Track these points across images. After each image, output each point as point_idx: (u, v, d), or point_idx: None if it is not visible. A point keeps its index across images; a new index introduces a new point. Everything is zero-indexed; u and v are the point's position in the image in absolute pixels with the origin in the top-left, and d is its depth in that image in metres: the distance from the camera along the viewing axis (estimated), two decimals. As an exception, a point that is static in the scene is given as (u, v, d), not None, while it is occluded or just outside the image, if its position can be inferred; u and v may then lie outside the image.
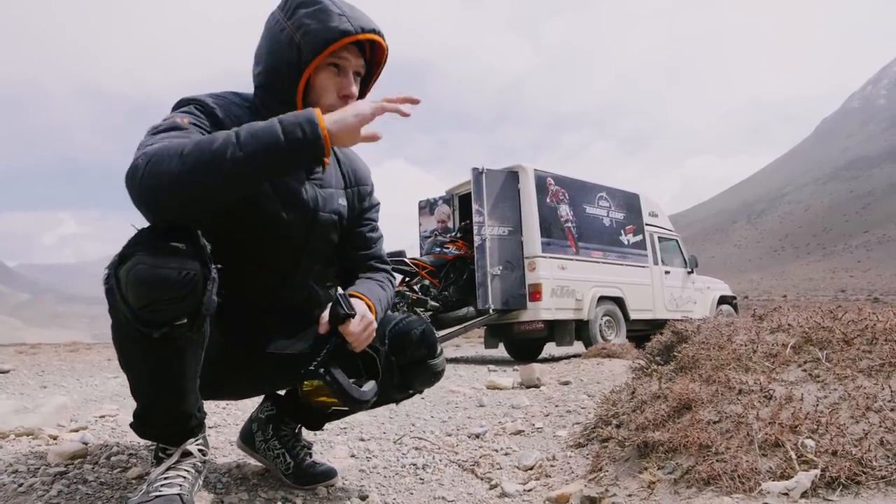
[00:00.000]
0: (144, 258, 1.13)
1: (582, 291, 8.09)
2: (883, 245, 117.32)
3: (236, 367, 1.58)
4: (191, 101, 1.40)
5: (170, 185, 1.13)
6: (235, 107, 1.44)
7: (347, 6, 1.39)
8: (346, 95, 1.42)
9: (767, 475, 1.32)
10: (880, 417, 1.38)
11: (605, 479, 1.68)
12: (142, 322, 1.16)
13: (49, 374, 5.59)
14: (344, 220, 1.64)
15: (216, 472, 1.84)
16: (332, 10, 1.35)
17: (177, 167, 1.13)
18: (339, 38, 1.34)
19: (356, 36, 1.36)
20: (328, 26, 1.34)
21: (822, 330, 1.92)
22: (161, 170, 1.13)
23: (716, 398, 1.71)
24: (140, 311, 1.15)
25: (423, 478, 1.98)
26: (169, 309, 1.15)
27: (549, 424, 2.74)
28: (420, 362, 1.63)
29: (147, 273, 1.12)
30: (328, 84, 1.41)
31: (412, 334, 1.61)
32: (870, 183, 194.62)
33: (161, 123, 1.30)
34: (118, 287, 1.16)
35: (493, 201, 7.82)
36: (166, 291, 1.13)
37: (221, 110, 1.40)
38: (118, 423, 2.54)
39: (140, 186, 1.14)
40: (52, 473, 1.64)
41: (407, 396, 1.73)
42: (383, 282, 1.70)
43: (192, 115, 1.35)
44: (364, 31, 1.36)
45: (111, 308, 1.21)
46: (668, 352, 2.49)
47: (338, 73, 1.42)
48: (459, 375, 5.35)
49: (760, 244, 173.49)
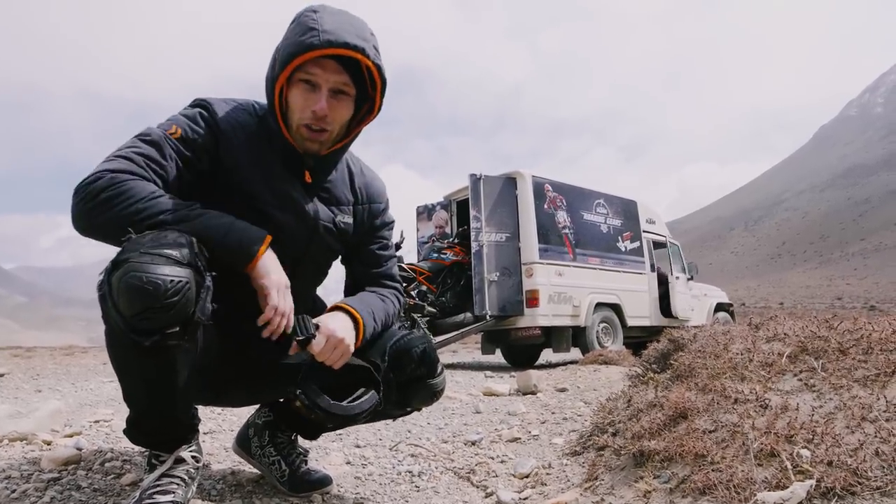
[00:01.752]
0: (136, 265, 1.13)
1: (579, 298, 8.10)
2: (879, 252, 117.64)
3: (236, 374, 1.58)
4: (200, 104, 1.44)
5: (109, 226, 1.23)
6: (246, 114, 1.48)
7: (333, 21, 1.34)
8: (314, 111, 1.39)
9: (763, 485, 1.32)
10: (875, 427, 1.38)
11: (601, 488, 1.67)
12: (133, 330, 1.15)
13: (44, 377, 5.56)
14: (347, 235, 1.63)
15: (210, 478, 1.83)
16: (308, 26, 1.32)
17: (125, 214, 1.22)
18: (301, 53, 1.31)
19: (322, 50, 1.31)
20: (296, 41, 1.32)
21: (817, 339, 1.92)
22: (113, 205, 1.22)
23: (712, 407, 1.71)
24: (132, 319, 1.14)
25: (419, 485, 1.98)
26: (161, 317, 1.15)
27: (545, 432, 2.73)
28: (419, 381, 1.60)
29: (138, 281, 1.12)
30: (298, 99, 1.39)
31: (413, 352, 1.57)
32: (867, 190, 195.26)
33: (152, 130, 1.36)
34: (110, 294, 1.16)
35: (490, 207, 7.83)
36: (158, 299, 1.13)
37: (228, 116, 1.44)
38: (113, 428, 2.53)
39: (84, 210, 1.24)
40: (45, 479, 1.64)
41: (405, 413, 1.71)
42: (386, 296, 1.69)
43: (192, 122, 1.40)
44: (332, 45, 1.31)
45: (104, 314, 1.21)
46: (665, 360, 2.50)
47: (311, 88, 1.39)
48: (456, 382, 5.34)
49: (757, 251, 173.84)
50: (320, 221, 1.55)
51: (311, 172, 1.53)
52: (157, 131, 1.35)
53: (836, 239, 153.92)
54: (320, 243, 1.57)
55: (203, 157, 1.40)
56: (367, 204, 1.68)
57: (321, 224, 1.55)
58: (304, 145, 1.45)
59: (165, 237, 1.20)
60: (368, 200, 1.68)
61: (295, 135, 1.44)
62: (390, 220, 1.76)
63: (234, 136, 1.43)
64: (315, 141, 1.44)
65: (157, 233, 1.21)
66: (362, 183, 1.68)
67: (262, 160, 1.46)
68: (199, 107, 1.43)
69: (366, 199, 1.68)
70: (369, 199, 1.69)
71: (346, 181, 1.64)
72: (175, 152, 1.35)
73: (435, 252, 8.43)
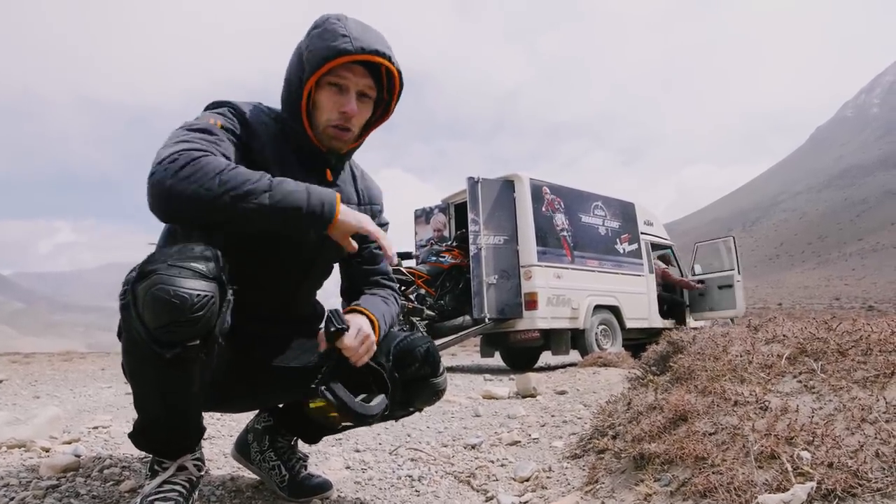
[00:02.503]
0: (164, 278, 1.13)
1: (578, 300, 8.10)
2: (877, 252, 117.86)
3: (242, 380, 1.58)
4: (224, 103, 1.46)
5: (196, 200, 1.19)
6: (263, 114, 1.51)
7: (359, 29, 1.41)
8: (343, 112, 1.45)
9: (763, 487, 1.32)
10: (875, 429, 1.38)
11: (602, 492, 1.67)
12: (156, 341, 1.16)
13: (42, 383, 5.55)
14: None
15: (210, 484, 1.83)
16: (338, 31, 1.38)
17: (211, 187, 1.19)
18: (335, 57, 1.37)
19: (354, 56, 1.38)
20: (328, 45, 1.37)
21: (816, 341, 1.92)
22: (196, 179, 1.19)
23: (711, 409, 1.71)
24: (155, 331, 1.15)
25: (419, 490, 1.97)
26: (184, 330, 1.15)
27: (545, 435, 2.73)
28: (422, 380, 1.62)
29: (166, 294, 1.12)
30: (327, 101, 1.45)
31: (416, 352, 1.59)
32: (864, 191, 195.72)
33: (194, 122, 1.36)
34: (134, 304, 1.16)
35: (488, 210, 7.83)
36: (184, 313, 1.13)
37: (252, 115, 1.46)
38: (111, 434, 2.52)
39: (167, 187, 1.19)
40: (43, 487, 1.63)
41: (407, 414, 1.71)
42: (388, 298, 1.71)
43: (225, 117, 1.41)
44: (364, 51, 1.38)
45: (125, 323, 1.21)
46: (664, 362, 2.49)
47: (339, 91, 1.45)
48: (456, 385, 5.34)
49: (755, 252, 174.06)
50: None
51: (332, 170, 1.59)
52: (200, 122, 1.37)
53: (833, 239, 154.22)
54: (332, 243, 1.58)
55: (241, 148, 1.42)
56: (368, 205, 1.73)
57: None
58: (329, 143, 1.51)
59: (192, 250, 1.21)
60: (370, 202, 1.74)
61: (321, 135, 1.49)
62: (386, 221, 1.81)
63: (259, 132, 1.46)
64: (340, 140, 1.50)
65: (184, 245, 1.22)
66: (364, 185, 1.74)
67: (285, 159, 1.49)
68: (224, 105, 1.46)
69: (367, 201, 1.73)
70: (370, 200, 1.74)
71: (351, 182, 1.70)
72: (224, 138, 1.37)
73: (433, 255, 8.43)
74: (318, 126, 1.48)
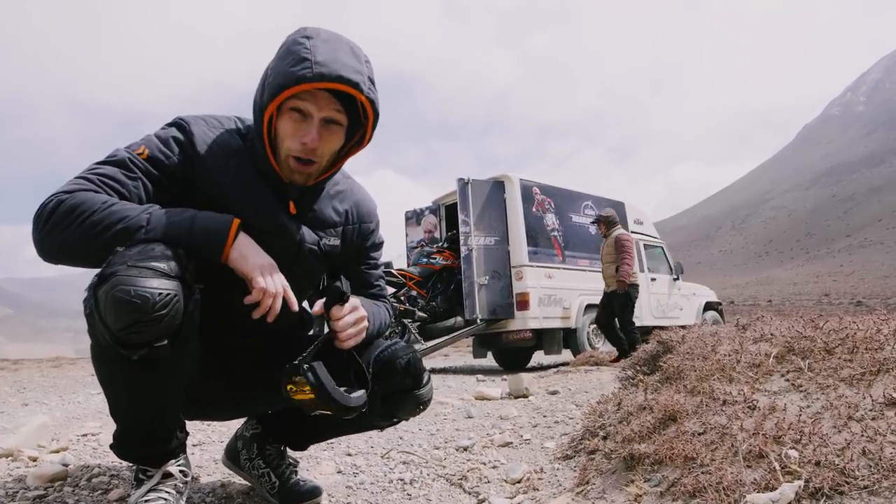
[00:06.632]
0: (124, 279, 1.12)
1: (569, 300, 8.13)
2: (865, 249, 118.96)
3: (221, 387, 1.56)
4: (179, 125, 1.40)
5: (70, 248, 1.21)
6: (228, 135, 1.44)
7: (326, 51, 1.28)
8: (304, 142, 1.34)
9: (752, 487, 1.32)
10: (862, 427, 1.39)
11: (593, 493, 1.67)
12: (121, 343, 1.14)
13: (31, 390, 5.50)
14: (333, 257, 1.59)
15: (200, 491, 1.82)
16: (301, 55, 1.26)
17: (81, 232, 1.19)
18: (292, 86, 1.26)
19: (314, 84, 1.26)
20: (287, 71, 1.26)
21: (803, 339, 1.94)
22: (65, 226, 1.19)
23: (700, 409, 1.72)
24: (119, 333, 1.13)
25: (411, 493, 1.97)
26: (149, 330, 1.14)
27: (536, 436, 2.73)
28: (405, 392, 1.56)
29: (126, 294, 1.10)
30: (289, 128, 1.34)
31: (397, 364, 1.53)
32: (851, 187, 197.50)
33: (111, 154, 1.33)
34: (97, 308, 1.14)
35: (479, 211, 7.85)
36: (146, 313, 1.11)
37: (205, 139, 1.40)
38: (100, 441, 2.50)
39: (39, 241, 1.21)
40: (30, 497, 1.62)
41: (392, 424, 1.68)
42: (380, 305, 1.68)
43: (162, 146, 1.35)
44: (325, 79, 1.25)
45: (90, 329, 1.19)
46: (654, 362, 2.51)
47: (301, 118, 1.33)
48: (448, 386, 5.34)
49: (745, 249, 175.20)
50: (305, 244, 1.50)
51: (296, 204, 1.48)
52: (122, 152, 1.32)
53: (821, 236, 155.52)
54: (304, 265, 1.53)
55: (174, 180, 1.35)
56: (356, 224, 1.63)
57: (306, 246, 1.51)
58: (290, 176, 1.40)
59: (153, 249, 1.18)
60: (359, 220, 1.63)
61: (283, 164, 1.39)
62: (380, 240, 1.73)
63: (213, 158, 1.39)
64: (302, 173, 1.40)
65: (145, 245, 1.18)
66: (352, 202, 1.62)
67: (246, 181, 1.41)
68: (176, 126, 1.39)
69: (356, 219, 1.63)
70: (359, 218, 1.64)
71: (334, 201, 1.59)
72: (143, 172, 1.31)
73: (424, 257, 8.43)
74: (280, 155, 1.38)
